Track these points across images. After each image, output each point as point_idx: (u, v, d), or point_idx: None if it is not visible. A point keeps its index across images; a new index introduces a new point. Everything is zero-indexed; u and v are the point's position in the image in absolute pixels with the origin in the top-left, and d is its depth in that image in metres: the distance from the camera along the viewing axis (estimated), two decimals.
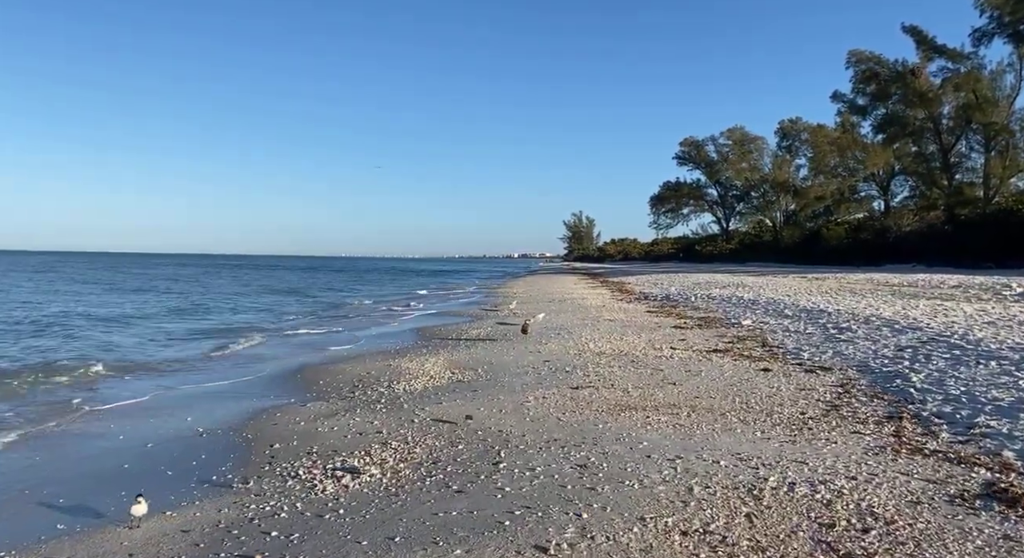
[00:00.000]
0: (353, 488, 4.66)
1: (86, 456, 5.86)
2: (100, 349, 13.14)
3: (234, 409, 7.44)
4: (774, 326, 12.58)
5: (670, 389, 7.49)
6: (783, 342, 10.68)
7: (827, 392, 7.09)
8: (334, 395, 8.01)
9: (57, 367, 10.69)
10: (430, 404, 7.12)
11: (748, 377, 8.05)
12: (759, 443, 5.32)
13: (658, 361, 9.35)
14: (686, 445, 5.31)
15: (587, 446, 5.35)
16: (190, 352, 12.75)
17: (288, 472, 5.07)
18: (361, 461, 5.23)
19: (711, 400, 6.91)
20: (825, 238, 60.98)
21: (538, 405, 6.86)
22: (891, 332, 10.56)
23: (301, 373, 9.75)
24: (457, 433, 5.94)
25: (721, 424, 5.95)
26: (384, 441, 5.79)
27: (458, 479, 4.73)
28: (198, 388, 9.07)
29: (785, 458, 4.89)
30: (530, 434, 5.78)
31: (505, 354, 10.63)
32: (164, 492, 4.75)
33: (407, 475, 4.87)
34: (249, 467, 5.28)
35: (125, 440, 6.29)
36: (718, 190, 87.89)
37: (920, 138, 55.38)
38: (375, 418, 6.63)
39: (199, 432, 6.44)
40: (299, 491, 4.64)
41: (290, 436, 6.10)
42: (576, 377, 8.34)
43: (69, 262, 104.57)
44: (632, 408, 6.62)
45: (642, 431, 5.77)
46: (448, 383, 8.43)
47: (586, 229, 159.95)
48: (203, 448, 5.89)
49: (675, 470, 4.68)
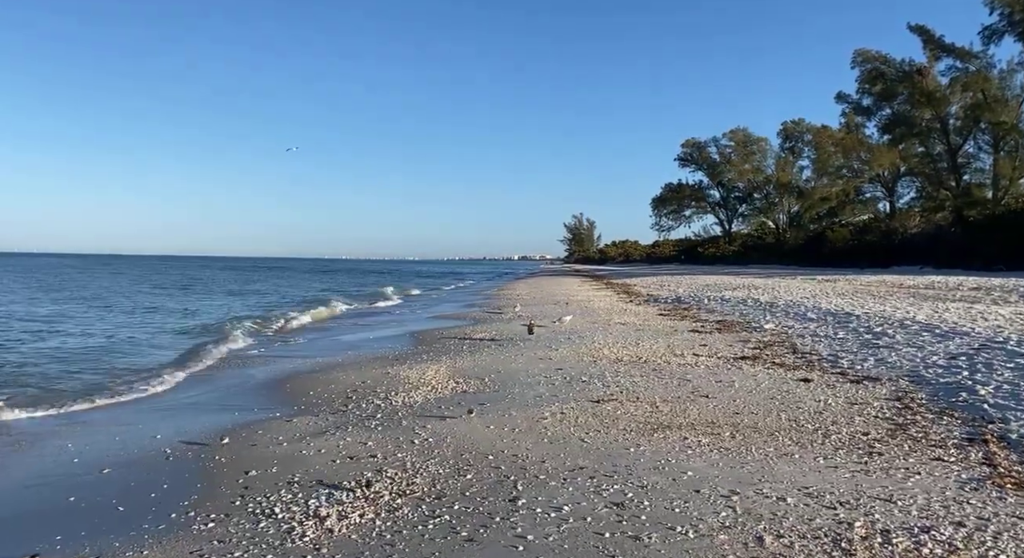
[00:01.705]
0: (339, 533, 3.79)
1: (27, 484, 4.98)
2: (62, 350, 12.28)
3: (210, 424, 6.57)
4: (800, 330, 11.73)
5: (703, 403, 6.63)
6: (815, 348, 9.83)
7: (884, 407, 6.23)
8: (324, 408, 7.14)
9: (18, 366, 9.82)
10: (433, 420, 6.26)
11: (788, 388, 7.20)
12: (826, 473, 4.47)
13: (683, 370, 8.49)
14: (739, 476, 4.46)
15: (620, 477, 4.49)
16: (171, 354, 11.88)
17: (262, 509, 4.20)
18: (350, 496, 4.37)
19: (753, 417, 6.06)
20: (830, 240, 60.20)
21: (556, 422, 6.00)
22: (933, 337, 9.71)
23: (291, 381, 8.88)
24: (465, 457, 5.08)
25: (773, 447, 5.09)
26: (379, 467, 4.92)
27: (468, 521, 3.87)
28: (175, 397, 8.21)
29: (864, 494, 4.03)
30: (550, 460, 4.92)
31: (513, 361, 9.77)
32: (108, 536, 3.89)
33: (405, 515, 4.01)
34: (217, 501, 4.41)
35: (80, 464, 5.42)
36: (720, 192, 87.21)
37: (927, 138, 54.60)
38: (369, 438, 5.77)
39: (166, 454, 5.57)
40: (272, 536, 3.78)
41: (269, 460, 5.24)
42: (595, 388, 7.48)
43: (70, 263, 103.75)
44: (665, 427, 5.75)
45: (682, 456, 4.91)
46: (452, 395, 7.57)
47: (587, 231, 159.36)
48: (167, 475, 5.02)
49: (734, 511, 3.82)
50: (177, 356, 11.95)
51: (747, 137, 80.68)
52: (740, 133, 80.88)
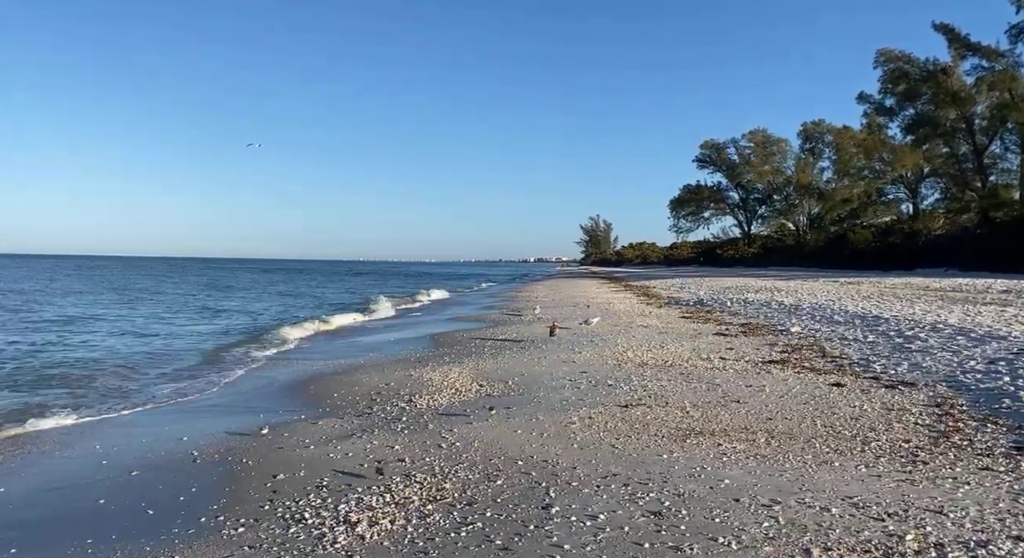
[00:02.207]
0: (371, 540, 3.72)
1: (58, 486, 4.98)
2: (96, 352, 12.40)
3: (236, 426, 6.55)
4: (828, 334, 11.50)
5: (735, 408, 6.48)
6: (845, 352, 9.62)
7: (923, 413, 6.05)
8: (349, 411, 7.10)
9: (56, 367, 9.93)
10: (460, 424, 6.18)
11: (820, 394, 7.02)
12: (869, 482, 4.32)
13: (711, 374, 8.34)
14: (778, 484, 4.32)
15: (655, 484, 4.38)
16: (195, 357, 11.95)
17: (292, 514, 4.14)
18: (380, 500, 4.30)
19: (788, 422, 5.90)
20: (851, 242, 59.40)
21: (585, 427, 5.89)
22: (969, 341, 9.45)
23: (314, 383, 8.86)
24: (494, 462, 5.00)
25: (811, 455, 4.94)
26: (407, 472, 4.85)
27: (501, 529, 3.78)
28: (199, 400, 8.23)
29: (912, 505, 3.88)
30: (582, 466, 4.82)
31: (536, 364, 9.66)
32: (139, 540, 3.85)
33: (437, 522, 3.93)
34: (245, 505, 4.36)
35: (108, 466, 5.41)
36: (739, 193, 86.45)
37: (952, 139, 53.65)
38: (396, 441, 5.70)
39: (193, 456, 5.54)
40: (303, 543, 3.72)
41: (297, 463, 5.19)
42: (622, 392, 7.35)
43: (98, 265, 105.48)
44: (698, 433, 5.62)
45: (717, 464, 4.78)
46: (476, 398, 7.49)
47: (603, 233, 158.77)
48: (195, 478, 4.99)
49: (776, 522, 3.69)
50: (204, 358, 12.02)
51: (766, 138, 79.94)
52: (759, 134, 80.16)
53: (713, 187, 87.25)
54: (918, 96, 54.51)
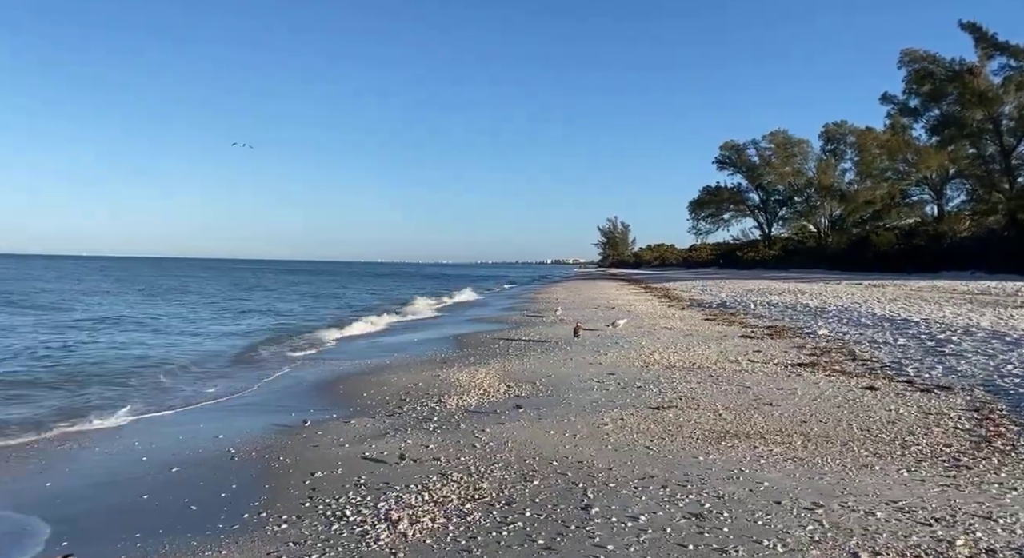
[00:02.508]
0: (413, 538, 3.75)
1: (102, 481, 5.08)
2: (129, 351, 12.61)
3: (270, 425, 6.64)
4: (856, 336, 11.36)
5: (768, 411, 6.43)
6: (875, 355, 9.49)
7: (961, 418, 5.95)
8: (380, 410, 7.15)
9: (87, 370, 10.11)
10: (492, 424, 6.20)
11: (853, 397, 6.95)
12: (912, 487, 4.26)
13: (740, 376, 8.28)
14: (818, 487, 4.28)
15: (694, 486, 4.36)
16: (225, 357, 12.10)
17: (333, 511, 4.19)
18: (419, 499, 4.33)
19: (823, 426, 5.85)
20: (874, 244, 58.53)
21: (618, 429, 5.88)
22: (1004, 345, 9.29)
23: (342, 383, 8.94)
24: (529, 462, 5.01)
25: (850, 458, 4.89)
26: (443, 471, 4.88)
27: (542, 529, 3.79)
28: (232, 399, 8.34)
29: (960, 511, 3.82)
30: (617, 468, 4.81)
31: (562, 365, 9.66)
32: (185, 535, 3.92)
33: (477, 521, 3.95)
34: (287, 502, 4.42)
35: (148, 463, 5.51)
36: (760, 195, 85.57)
37: (978, 140, 52.66)
38: (430, 441, 5.73)
39: (230, 454, 5.62)
40: (347, 539, 3.75)
41: (333, 462, 5.24)
42: (652, 394, 7.33)
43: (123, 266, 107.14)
44: (732, 435, 5.59)
45: (755, 466, 4.75)
46: (505, 398, 7.51)
47: (621, 235, 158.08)
48: (234, 475, 5.06)
49: (820, 525, 3.66)
50: (235, 358, 12.17)
51: (787, 139, 79.05)
52: (780, 135, 79.31)
53: (733, 189, 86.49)
54: (943, 96, 53.58)
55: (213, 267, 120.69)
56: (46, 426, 6.75)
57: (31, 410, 7.58)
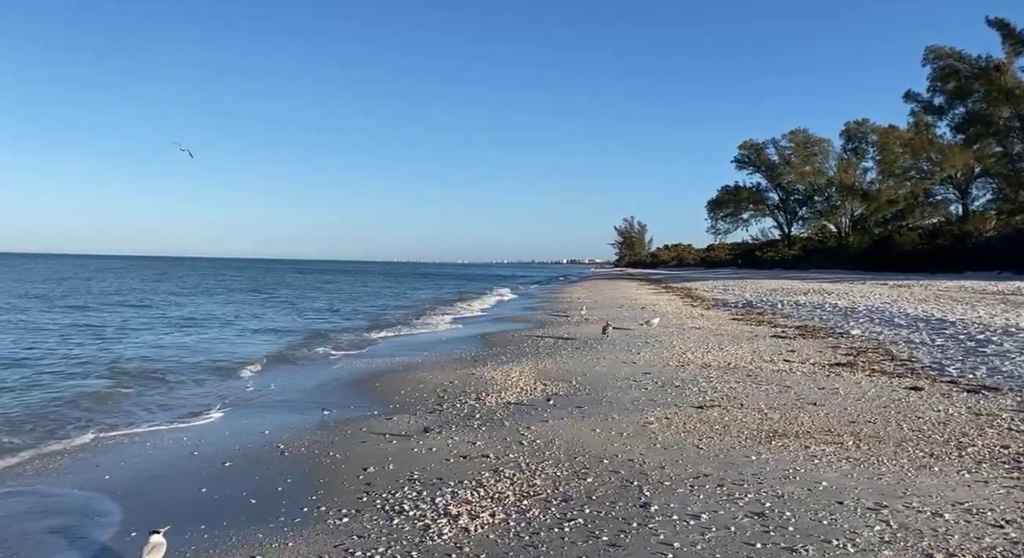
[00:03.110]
0: (476, 532, 3.77)
1: (159, 475, 5.16)
2: (164, 350, 12.78)
3: (313, 421, 6.70)
4: (891, 337, 11.22)
5: (813, 411, 6.38)
6: (914, 355, 9.37)
7: (1015, 419, 5.86)
8: (420, 408, 7.19)
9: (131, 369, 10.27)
10: (535, 422, 6.21)
11: (899, 397, 6.86)
12: (976, 488, 4.21)
13: (779, 376, 8.21)
14: (878, 488, 4.24)
15: (750, 485, 4.34)
16: (257, 355, 12.22)
17: (391, 505, 4.22)
18: (475, 494, 4.35)
19: (872, 426, 5.78)
20: (897, 243, 57.69)
21: (664, 428, 5.86)
22: None
23: (379, 380, 8.99)
24: (579, 460, 5.01)
25: (906, 459, 4.84)
26: (494, 468, 4.90)
27: (604, 525, 3.79)
28: (270, 395, 8.42)
29: None
30: (669, 466, 4.80)
31: (596, 364, 9.65)
32: (249, 528, 3.97)
33: (537, 517, 3.96)
34: (343, 496, 4.46)
35: (200, 457, 5.59)
36: (779, 194, 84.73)
37: (1005, 138, 51.80)
38: (476, 438, 5.76)
39: (279, 449, 5.68)
40: (409, 533, 3.78)
41: (383, 457, 5.28)
42: (692, 394, 7.30)
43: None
44: (781, 435, 5.55)
45: (809, 466, 4.72)
46: (543, 397, 7.50)
47: (637, 235, 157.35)
48: (286, 470, 5.11)
49: (887, 525, 3.63)
50: (272, 356, 12.27)
51: (807, 138, 78.18)
52: (800, 134, 78.44)
53: (752, 188, 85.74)
54: (969, 94, 52.75)
55: (224, 268, 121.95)
56: (93, 423, 6.87)
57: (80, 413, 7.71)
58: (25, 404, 7.81)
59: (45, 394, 8.39)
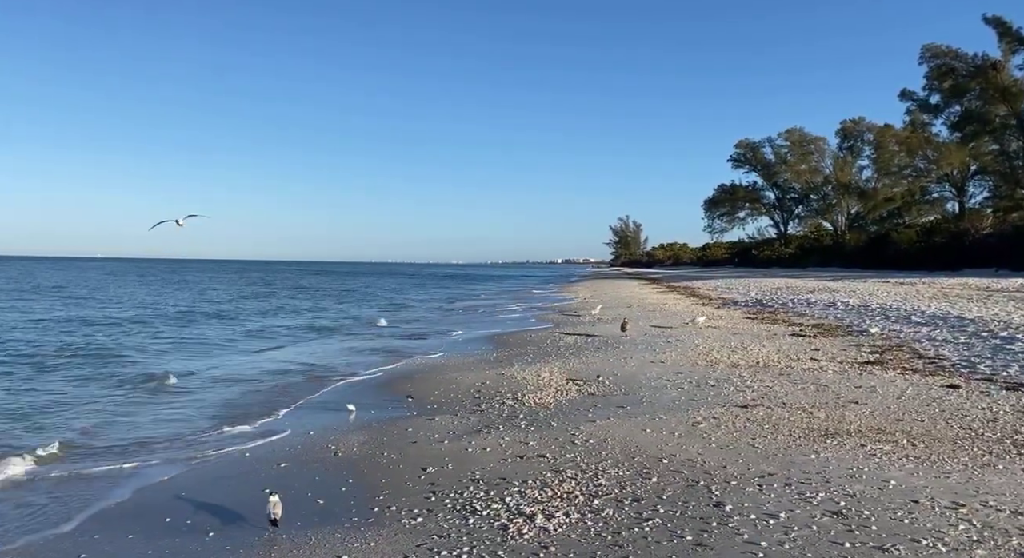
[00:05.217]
0: (556, 532, 3.76)
1: (218, 476, 5.14)
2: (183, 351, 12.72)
3: (357, 423, 6.69)
4: (912, 334, 11.28)
5: (856, 409, 6.40)
6: (940, 353, 9.42)
7: None
8: (459, 408, 7.17)
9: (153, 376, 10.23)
10: (582, 422, 6.20)
11: (938, 395, 6.90)
12: None
13: (812, 375, 8.24)
14: (949, 486, 4.26)
15: (818, 484, 4.35)
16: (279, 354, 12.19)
17: (462, 505, 4.21)
18: (542, 494, 4.34)
19: (921, 424, 5.81)
20: (895, 241, 58.00)
21: (714, 428, 5.87)
22: None
23: (410, 381, 8.97)
24: (638, 460, 5.01)
25: (967, 457, 4.86)
26: (554, 468, 4.89)
27: (684, 525, 3.79)
28: (300, 397, 8.38)
29: None
30: (731, 465, 4.80)
31: (624, 364, 9.65)
32: (324, 527, 3.96)
33: (613, 517, 3.95)
34: (410, 496, 4.44)
35: (252, 459, 5.56)
36: (775, 193, 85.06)
37: (1002, 135, 52.14)
38: (527, 438, 5.75)
39: (332, 450, 5.66)
40: (489, 533, 3.77)
41: (439, 457, 5.27)
42: (731, 393, 7.31)
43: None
44: (833, 434, 5.57)
45: (872, 465, 4.73)
46: (580, 396, 7.51)
47: (633, 234, 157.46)
48: (344, 470, 5.09)
49: (971, 524, 3.64)
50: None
51: (803, 137, 78.44)
52: (796, 133, 78.71)
53: (748, 187, 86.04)
54: (965, 92, 53.08)
55: (221, 268, 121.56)
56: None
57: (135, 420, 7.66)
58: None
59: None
